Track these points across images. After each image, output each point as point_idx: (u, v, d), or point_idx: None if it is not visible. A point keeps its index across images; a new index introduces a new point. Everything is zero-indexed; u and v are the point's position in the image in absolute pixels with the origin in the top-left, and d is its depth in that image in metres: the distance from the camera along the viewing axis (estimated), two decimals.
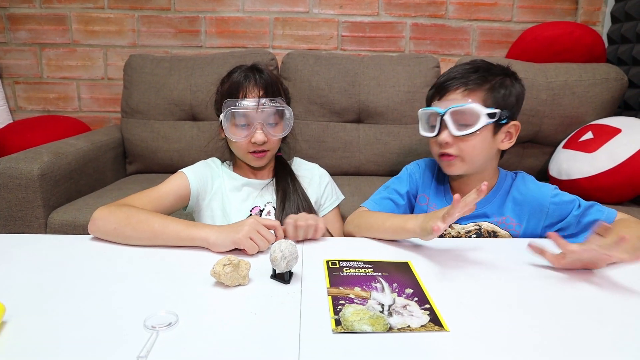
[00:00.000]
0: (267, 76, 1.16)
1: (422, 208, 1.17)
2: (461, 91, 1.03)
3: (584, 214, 1.03)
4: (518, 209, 1.09)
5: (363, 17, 2.32)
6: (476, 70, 1.05)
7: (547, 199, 1.07)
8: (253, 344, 0.59)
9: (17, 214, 1.51)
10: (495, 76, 1.05)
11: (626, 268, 0.85)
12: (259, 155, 1.16)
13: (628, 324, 0.66)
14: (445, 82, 1.05)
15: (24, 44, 2.36)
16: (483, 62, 1.09)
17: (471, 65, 1.07)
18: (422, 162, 1.22)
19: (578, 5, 2.30)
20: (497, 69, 1.07)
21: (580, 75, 1.90)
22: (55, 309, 0.67)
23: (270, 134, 1.14)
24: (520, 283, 0.79)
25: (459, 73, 1.05)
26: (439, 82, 1.08)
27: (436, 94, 1.08)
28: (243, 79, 1.14)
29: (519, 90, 1.08)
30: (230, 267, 0.73)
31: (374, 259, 0.87)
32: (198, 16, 2.32)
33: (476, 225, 1.10)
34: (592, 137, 1.71)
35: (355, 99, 2.00)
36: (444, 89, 1.05)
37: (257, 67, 1.18)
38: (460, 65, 1.08)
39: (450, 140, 1.03)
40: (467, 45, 2.35)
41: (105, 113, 2.46)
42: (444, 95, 1.05)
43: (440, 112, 1.03)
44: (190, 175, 1.16)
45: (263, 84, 1.13)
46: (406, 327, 0.63)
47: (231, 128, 1.14)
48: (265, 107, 1.11)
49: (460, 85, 1.03)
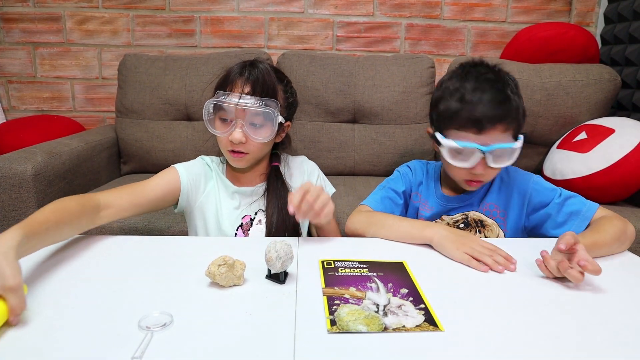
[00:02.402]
0: (260, 73, 1.07)
1: (415, 205, 1.20)
2: (500, 127, 1.01)
3: (565, 203, 1.05)
4: (502, 196, 1.13)
5: (358, 17, 2.32)
6: (507, 98, 1.02)
7: (529, 184, 1.11)
8: (248, 344, 0.59)
9: (11, 214, 1.50)
10: (515, 95, 1.04)
11: (625, 268, 0.86)
12: (236, 155, 1.09)
13: (624, 324, 0.67)
14: (485, 120, 1.00)
15: (18, 43, 2.34)
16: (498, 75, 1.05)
17: (499, 93, 1.02)
18: (412, 164, 1.25)
19: (572, 6, 2.31)
20: (512, 85, 1.05)
21: (574, 75, 1.92)
22: (48, 309, 0.67)
23: (251, 136, 1.06)
24: (515, 283, 0.79)
25: (495, 104, 1.00)
26: (475, 117, 1.00)
27: (470, 126, 1.01)
28: (235, 73, 1.08)
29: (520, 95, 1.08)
30: (225, 267, 0.73)
31: (369, 259, 0.87)
32: (193, 16, 2.32)
33: (463, 215, 1.14)
34: (586, 138, 1.72)
35: (350, 99, 2.00)
36: (482, 125, 1.00)
37: (254, 62, 1.10)
38: (487, 92, 1.01)
39: (485, 172, 1.04)
40: (462, 46, 2.35)
41: (100, 113, 2.45)
42: (482, 130, 1.00)
43: (484, 150, 1.00)
44: (182, 171, 1.12)
45: (252, 81, 1.06)
46: (401, 327, 0.64)
47: (214, 120, 1.10)
48: (247, 105, 1.04)
49: (498, 122, 1.00)
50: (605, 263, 0.86)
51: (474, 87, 1.03)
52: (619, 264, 0.89)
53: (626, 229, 0.96)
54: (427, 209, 1.17)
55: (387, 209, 1.15)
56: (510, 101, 1.02)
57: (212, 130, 1.10)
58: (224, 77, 1.11)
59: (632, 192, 1.64)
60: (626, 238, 0.95)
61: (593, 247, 0.88)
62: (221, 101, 1.05)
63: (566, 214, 1.04)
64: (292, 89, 1.20)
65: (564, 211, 1.04)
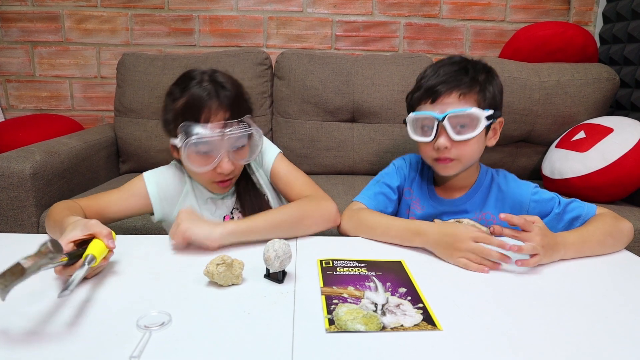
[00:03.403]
0: (232, 92, 0.97)
1: (406, 202, 1.18)
2: (455, 95, 1.01)
3: (565, 210, 1.03)
4: (499, 205, 1.10)
5: (357, 16, 2.32)
6: (465, 70, 1.03)
7: (528, 196, 1.08)
8: (246, 343, 0.59)
9: (9, 213, 1.50)
10: (481, 74, 1.04)
11: (623, 268, 0.86)
12: (224, 184, 1.03)
13: (624, 323, 0.67)
14: (437, 86, 1.02)
15: (16, 42, 2.34)
16: (464, 59, 1.07)
17: (458, 66, 1.04)
18: (408, 157, 1.22)
19: (570, 6, 2.31)
20: (480, 65, 1.06)
21: (572, 75, 1.92)
22: (46, 309, 0.67)
23: (238, 161, 1.00)
24: (513, 282, 0.79)
25: (450, 75, 1.02)
26: (428, 85, 1.04)
27: (426, 97, 1.04)
28: (204, 98, 0.94)
29: (500, 86, 1.08)
30: (223, 266, 0.73)
31: (368, 259, 0.87)
32: (192, 15, 2.31)
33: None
34: (584, 137, 1.72)
35: (349, 99, 2.00)
36: (436, 92, 1.02)
37: (218, 79, 0.97)
38: (446, 66, 1.05)
39: (449, 144, 1.01)
40: (461, 45, 2.35)
41: (98, 112, 2.44)
42: (436, 99, 1.02)
43: (438, 117, 1.00)
44: (150, 180, 1.06)
45: (228, 104, 0.95)
46: (399, 326, 0.64)
47: (191, 156, 0.97)
48: (233, 133, 0.95)
49: (453, 89, 1.01)
50: (604, 263, 0.87)
51: (434, 66, 1.07)
52: (617, 263, 0.89)
53: (620, 226, 0.95)
54: (418, 208, 1.15)
55: (381, 205, 1.12)
56: (466, 72, 1.02)
57: (195, 169, 0.98)
58: (187, 103, 0.96)
59: (631, 191, 1.64)
60: (621, 235, 0.94)
61: (581, 243, 0.89)
62: (203, 137, 0.93)
63: (567, 222, 1.02)
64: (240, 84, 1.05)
65: (565, 219, 1.03)
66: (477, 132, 1.00)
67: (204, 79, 0.97)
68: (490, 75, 1.06)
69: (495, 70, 1.09)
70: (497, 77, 1.08)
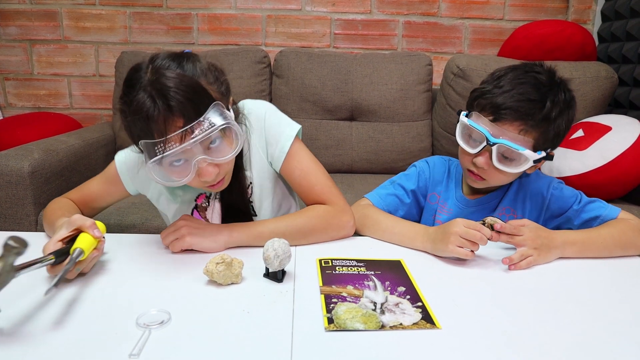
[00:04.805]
0: (182, 93, 0.77)
1: (432, 207, 1.13)
2: (518, 126, 0.93)
3: (584, 209, 1.00)
4: (520, 200, 1.07)
5: (356, 14, 2.32)
6: (542, 103, 0.93)
7: (548, 190, 1.04)
8: (246, 342, 0.59)
9: (7, 211, 1.50)
10: (558, 107, 0.95)
11: (622, 268, 0.86)
12: (215, 186, 0.91)
13: (622, 321, 0.67)
14: (504, 109, 0.93)
15: (14, 40, 2.33)
16: (551, 82, 0.97)
17: (538, 94, 0.94)
18: (431, 160, 1.16)
19: (569, 4, 2.31)
20: (562, 97, 0.96)
21: (571, 73, 1.92)
22: (46, 307, 0.67)
23: (220, 160, 0.84)
24: (512, 281, 0.80)
25: (523, 102, 0.92)
26: (497, 103, 0.93)
27: (489, 111, 0.95)
28: (151, 113, 0.77)
29: (573, 116, 0.99)
30: (223, 265, 0.73)
31: (367, 258, 0.87)
32: (190, 13, 2.31)
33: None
34: (582, 135, 1.73)
35: (348, 97, 2.00)
36: (499, 115, 0.93)
37: (161, 84, 0.77)
38: (526, 85, 0.94)
39: (487, 167, 0.96)
40: (460, 43, 2.35)
41: (97, 110, 2.44)
42: (498, 120, 0.93)
43: (490, 140, 0.93)
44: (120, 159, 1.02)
45: (180, 110, 0.77)
46: (398, 324, 0.64)
47: (165, 173, 0.84)
48: (197, 138, 0.78)
49: (518, 120, 0.92)
50: (604, 262, 0.87)
51: (515, 77, 0.96)
52: (617, 262, 0.89)
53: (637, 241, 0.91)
54: (445, 211, 1.11)
55: (391, 207, 1.09)
56: (542, 107, 0.92)
57: (176, 183, 0.86)
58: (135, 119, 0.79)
59: (629, 189, 1.64)
60: (635, 249, 0.91)
61: (585, 244, 0.89)
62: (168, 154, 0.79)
63: (584, 221, 0.99)
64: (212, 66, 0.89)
65: (582, 218, 0.99)
66: (519, 170, 0.95)
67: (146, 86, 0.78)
68: (566, 108, 0.96)
69: (575, 99, 1.00)
70: (574, 106, 0.99)
